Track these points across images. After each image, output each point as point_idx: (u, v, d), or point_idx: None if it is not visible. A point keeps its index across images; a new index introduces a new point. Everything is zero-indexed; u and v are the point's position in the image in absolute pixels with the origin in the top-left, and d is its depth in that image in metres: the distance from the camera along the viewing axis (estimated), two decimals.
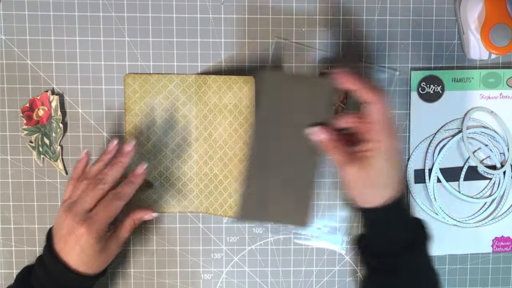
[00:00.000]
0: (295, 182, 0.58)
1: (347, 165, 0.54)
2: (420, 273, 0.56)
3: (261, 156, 0.58)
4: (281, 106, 0.58)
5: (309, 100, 0.58)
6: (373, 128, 0.53)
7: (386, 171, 0.53)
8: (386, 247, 0.56)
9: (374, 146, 0.53)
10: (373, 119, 0.53)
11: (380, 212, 0.54)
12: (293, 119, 0.58)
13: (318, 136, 0.55)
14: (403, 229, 0.56)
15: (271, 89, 0.58)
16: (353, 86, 0.54)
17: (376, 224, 0.56)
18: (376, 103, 0.52)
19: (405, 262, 0.55)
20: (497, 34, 0.60)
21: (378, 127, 0.52)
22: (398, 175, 0.54)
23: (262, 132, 0.58)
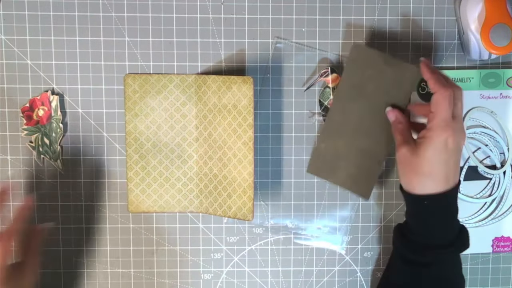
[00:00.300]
0: (367, 155, 0.63)
1: (402, 146, 0.56)
2: (447, 274, 0.56)
3: (340, 121, 0.64)
4: (367, 81, 0.62)
5: (393, 82, 0.62)
6: (432, 118, 0.54)
7: (433, 163, 0.54)
8: (421, 240, 0.56)
9: (428, 135, 0.54)
10: (434, 110, 0.54)
11: (421, 201, 0.55)
12: (375, 96, 0.62)
13: (391, 116, 0.59)
14: (441, 226, 0.56)
15: (361, 62, 0.62)
16: (425, 75, 0.56)
17: (419, 214, 0.57)
18: (440, 95, 0.54)
19: (439, 260, 0.56)
20: (497, 34, 0.60)
21: (434, 117, 0.54)
22: (447, 172, 0.54)
23: (344, 99, 0.63)
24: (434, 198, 0.55)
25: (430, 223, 0.56)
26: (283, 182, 0.68)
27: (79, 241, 0.67)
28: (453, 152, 0.54)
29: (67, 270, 0.67)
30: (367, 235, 0.69)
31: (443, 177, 0.55)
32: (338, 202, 0.68)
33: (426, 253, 0.56)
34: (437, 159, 0.54)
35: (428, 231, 0.56)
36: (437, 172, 0.54)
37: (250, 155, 0.62)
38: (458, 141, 0.54)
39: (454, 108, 0.55)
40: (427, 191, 0.55)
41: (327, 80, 0.64)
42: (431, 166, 0.54)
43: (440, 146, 0.53)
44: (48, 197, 0.66)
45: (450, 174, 0.55)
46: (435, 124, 0.54)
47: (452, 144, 0.54)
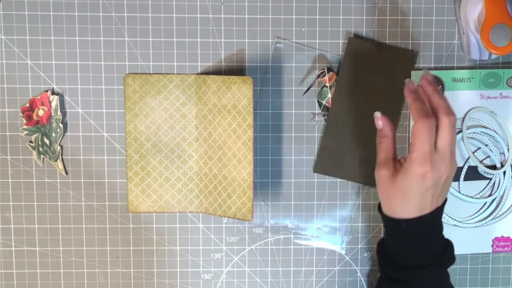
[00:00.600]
0: (372, 144, 0.61)
1: (382, 167, 0.53)
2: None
3: (342, 116, 0.65)
4: (365, 72, 0.64)
5: (389, 68, 0.64)
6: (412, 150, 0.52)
7: (408, 194, 0.52)
8: (399, 259, 0.55)
9: (406, 166, 0.51)
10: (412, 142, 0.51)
11: (397, 224, 0.53)
12: (374, 84, 0.64)
13: (378, 123, 0.56)
14: (420, 247, 0.55)
15: (357, 55, 0.64)
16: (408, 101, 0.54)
17: (396, 235, 0.55)
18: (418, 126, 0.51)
19: (418, 278, 0.54)
20: (497, 34, 0.60)
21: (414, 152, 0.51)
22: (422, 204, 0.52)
23: (344, 93, 0.64)
24: (410, 222, 0.53)
25: (407, 245, 0.55)
26: (283, 182, 0.68)
27: (79, 241, 0.67)
28: (431, 186, 0.52)
29: (67, 270, 0.67)
30: (367, 235, 0.69)
31: (416, 208, 0.53)
32: (338, 202, 0.68)
33: (404, 272, 0.55)
34: (412, 192, 0.52)
35: (405, 252, 0.55)
36: (411, 203, 0.52)
37: (249, 155, 0.62)
38: (438, 176, 0.51)
39: (438, 139, 0.51)
40: (402, 216, 0.53)
41: (324, 80, 0.64)
42: (405, 197, 0.52)
43: (416, 181, 0.51)
44: (48, 197, 0.66)
45: (425, 205, 0.53)
46: (413, 158, 0.51)
47: (430, 179, 0.51)
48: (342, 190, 0.68)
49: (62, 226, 0.67)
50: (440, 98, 0.53)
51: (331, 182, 0.68)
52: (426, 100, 0.54)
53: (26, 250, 0.67)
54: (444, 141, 0.51)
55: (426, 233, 0.54)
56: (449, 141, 0.51)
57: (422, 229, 0.54)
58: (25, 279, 0.67)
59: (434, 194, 0.53)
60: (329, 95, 0.65)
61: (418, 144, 0.51)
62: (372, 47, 0.65)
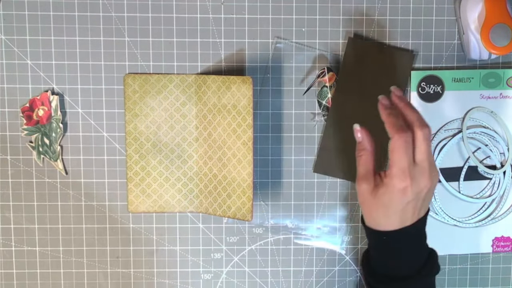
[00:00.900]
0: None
1: (362, 182, 0.53)
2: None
3: (342, 116, 0.65)
4: (365, 72, 0.64)
5: (390, 69, 0.64)
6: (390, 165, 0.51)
7: (389, 209, 0.52)
8: (386, 271, 0.55)
9: (386, 181, 0.51)
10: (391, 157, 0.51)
11: (380, 236, 0.53)
12: (374, 85, 0.64)
13: (357, 136, 0.55)
14: (403, 259, 0.55)
15: (357, 55, 0.64)
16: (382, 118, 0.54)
17: (379, 247, 0.55)
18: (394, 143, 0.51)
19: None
20: (497, 34, 0.60)
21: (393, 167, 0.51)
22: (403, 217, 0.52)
23: (344, 93, 0.64)
24: (392, 234, 0.53)
25: (391, 256, 0.55)
26: (283, 182, 0.68)
27: (79, 241, 0.67)
28: (412, 199, 0.51)
29: (67, 270, 0.67)
30: None
31: (398, 221, 0.52)
32: (338, 202, 0.68)
33: (389, 283, 0.54)
34: (393, 207, 0.51)
35: (389, 263, 0.55)
36: (393, 217, 0.52)
37: (249, 155, 0.62)
38: (418, 190, 0.51)
39: (416, 152, 0.51)
40: (384, 228, 0.53)
41: (324, 80, 0.64)
42: (387, 210, 0.52)
43: (397, 195, 0.51)
44: (48, 197, 0.66)
45: (407, 218, 0.52)
46: (392, 173, 0.51)
47: (410, 193, 0.51)
48: (342, 190, 0.68)
49: (62, 226, 0.67)
50: (413, 112, 0.53)
51: (331, 182, 0.68)
52: (400, 115, 0.54)
53: (26, 250, 0.67)
54: (421, 154, 0.51)
55: (409, 244, 0.54)
56: (426, 154, 0.51)
57: (404, 241, 0.54)
58: (25, 279, 0.67)
59: (415, 207, 0.52)
60: (329, 95, 0.65)
61: (396, 160, 0.51)
62: (372, 47, 0.65)
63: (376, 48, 0.65)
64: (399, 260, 0.55)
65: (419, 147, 0.51)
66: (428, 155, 0.52)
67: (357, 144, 0.56)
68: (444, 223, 0.68)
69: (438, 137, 0.67)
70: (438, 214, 0.68)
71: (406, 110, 0.54)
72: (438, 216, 0.68)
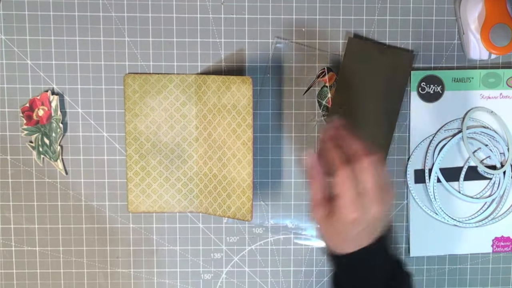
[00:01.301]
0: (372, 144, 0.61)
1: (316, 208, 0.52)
2: None
3: (342, 116, 0.64)
4: (365, 72, 0.64)
5: (390, 69, 0.64)
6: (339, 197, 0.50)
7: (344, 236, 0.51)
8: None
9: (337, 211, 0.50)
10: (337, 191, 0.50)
11: (340, 259, 0.53)
12: (374, 85, 0.64)
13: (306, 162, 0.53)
14: (372, 275, 0.53)
15: (357, 54, 0.64)
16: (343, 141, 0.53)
17: (346, 269, 0.54)
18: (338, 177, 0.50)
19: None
20: (497, 34, 0.60)
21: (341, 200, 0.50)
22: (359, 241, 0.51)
23: (344, 93, 0.64)
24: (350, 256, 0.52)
25: (356, 276, 0.53)
26: (283, 182, 0.68)
27: (79, 241, 0.67)
28: (366, 226, 0.50)
29: (67, 270, 0.67)
30: None
31: (353, 245, 0.51)
32: None
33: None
34: (347, 234, 0.51)
35: (356, 283, 0.54)
36: (349, 242, 0.51)
37: (249, 155, 0.62)
38: (369, 217, 0.50)
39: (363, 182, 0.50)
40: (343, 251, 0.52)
41: (324, 80, 0.64)
42: (342, 236, 0.51)
43: (349, 225, 0.50)
44: (48, 197, 0.66)
45: (362, 241, 0.51)
46: (341, 205, 0.50)
47: (362, 222, 0.50)
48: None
49: (62, 226, 0.67)
50: (354, 141, 0.53)
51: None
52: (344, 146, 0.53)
53: (26, 250, 0.67)
54: (368, 183, 0.50)
55: (371, 262, 0.53)
56: (372, 183, 0.50)
57: (366, 259, 0.53)
58: (25, 279, 0.67)
59: (370, 232, 0.52)
60: (329, 95, 0.65)
61: (343, 193, 0.50)
62: (372, 47, 0.65)
63: (376, 48, 0.65)
64: (365, 278, 0.53)
65: (365, 176, 0.50)
66: (375, 183, 0.50)
67: (308, 170, 0.54)
68: (444, 223, 0.68)
69: (438, 137, 0.67)
70: (438, 214, 0.68)
71: (349, 141, 0.53)
72: (438, 216, 0.68)
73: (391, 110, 0.66)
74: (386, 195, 0.51)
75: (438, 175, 0.67)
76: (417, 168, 0.68)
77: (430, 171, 0.67)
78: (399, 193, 0.68)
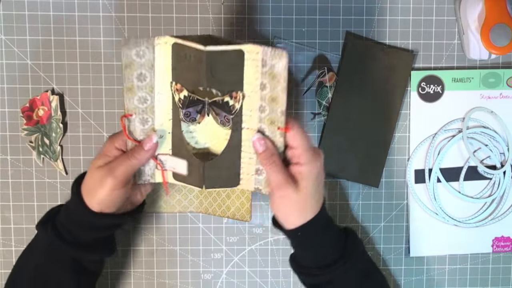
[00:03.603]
0: (372, 143, 0.63)
1: (285, 187, 0.52)
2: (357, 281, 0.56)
3: (342, 116, 0.65)
4: (365, 71, 0.64)
5: (390, 69, 0.64)
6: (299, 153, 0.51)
7: (313, 195, 0.53)
8: (316, 264, 0.55)
9: (303, 169, 0.51)
10: (292, 145, 0.52)
11: (295, 234, 0.54)
12: (374, 84, 0.64)
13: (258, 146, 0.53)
14: (327, 244, 0.55)
15: (357, 54, 0.64)
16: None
17: (301, 243, 0.56)
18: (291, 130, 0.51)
19: (339, 275, 0.55)
20: (497, 34, 0.60)
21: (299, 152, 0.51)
22: (320, 198, 0.54)
23: (344, 93, 0.64)
24: (304, 227, 0.53)
25: (311, 249, 0.55)
26: None
27: None
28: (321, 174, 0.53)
29: None
30: (367, 235, 0.69)
31: (317, 205, 0.54)
32: (338, 202, 0.68)
33: (322, 273, 0.55)
34: (315, 189, 0.53)
35: (314, 256, 0.55)
36: (316, 202, 0.53)
37: None
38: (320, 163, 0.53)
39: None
40: (301, 223, 0.53)
41: (324, 80, 0.64)
42: (312, 199, 0.53)
43: (316, 176, 0.52)
44: (48, 197, 0.66)
45: (321, 198, 0.54)
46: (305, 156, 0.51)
47: (322, 168, 0.53)
48: (342, 190, 0.68)
49: None
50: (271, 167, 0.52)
51: (331, 182, 0.68)
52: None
53: None
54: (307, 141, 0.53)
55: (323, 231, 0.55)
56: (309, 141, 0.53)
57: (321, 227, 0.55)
58: None
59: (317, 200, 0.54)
60: (329, 95, 0.65)
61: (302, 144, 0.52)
62: (372, 47, 0.65)
63: (376, 48, 0.65)
64: (319, 248, 0.55)
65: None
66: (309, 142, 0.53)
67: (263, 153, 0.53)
68: (444, 223, 0.68)
69: (438, 137, 0.67)
70: (438, 214, 0.68)
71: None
72: (438, 216, 0.68)
73: (391, 110, 0.66)
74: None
75: (438, 175, 0.67)
76: (417, 168, 0.68)
77: (430, 171, 0.67)
78: (399, 193, 0.68)
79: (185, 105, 0.53)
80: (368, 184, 0.67)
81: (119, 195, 0.54)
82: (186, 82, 0.52)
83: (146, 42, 0.51)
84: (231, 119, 0.52)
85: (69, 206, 0.56)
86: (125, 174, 0.53)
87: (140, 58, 0.52)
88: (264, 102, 0.51)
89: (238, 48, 0.49)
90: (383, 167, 0.67)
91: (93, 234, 0.56)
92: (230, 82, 0.51)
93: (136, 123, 0.54)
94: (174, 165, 0.55)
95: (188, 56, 0.50)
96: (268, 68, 0.49)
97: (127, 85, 0.52)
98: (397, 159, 0.68)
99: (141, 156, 0.54)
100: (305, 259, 0.57)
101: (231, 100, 0.52)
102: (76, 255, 0.56)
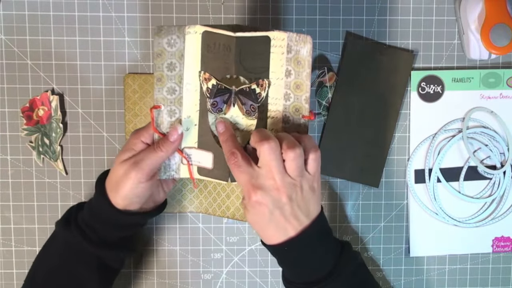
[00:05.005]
0: (372, 143, 0.64)
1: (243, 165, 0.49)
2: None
3: (342, 116, 0.65)
4: (365, 72, 0.64)
5: (390, 69, 0.64)
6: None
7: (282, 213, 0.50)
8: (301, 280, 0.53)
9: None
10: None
11: (281, 250, 0.51)
12: (374, 85, 0.64)
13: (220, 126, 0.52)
14: (313, 260, 0.52)
15: (357, 55, 0.64)
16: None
17: (283, 260, 0.53)
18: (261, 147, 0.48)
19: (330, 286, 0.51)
20: (497, 34, 0.60)
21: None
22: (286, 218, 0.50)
23: (344, 93, 0.64)
24: (291, 242, 0.50)
25: (300, 264, 0.52)
26: None
27: None
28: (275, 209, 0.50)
29: None
30: (367, 235, 0.69)
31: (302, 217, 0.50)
32: (338, 202, 0.68)
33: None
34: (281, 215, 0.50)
35: (302, 270, 0.52)
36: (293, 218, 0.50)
37: None
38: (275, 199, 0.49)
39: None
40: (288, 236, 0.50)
41: (324, 80, 0.64)
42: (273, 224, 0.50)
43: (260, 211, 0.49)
44: (48, 197, 0.66)
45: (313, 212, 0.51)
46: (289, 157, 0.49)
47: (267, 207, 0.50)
48: (342, 190, 0.68)
49: None
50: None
51: (331, 182, 0.68)
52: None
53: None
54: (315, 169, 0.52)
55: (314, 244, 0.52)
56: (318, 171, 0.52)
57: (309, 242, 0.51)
58: None
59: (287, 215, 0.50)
60: (329, 95, 0.65)
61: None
62: (372, 47, 0.65)
63: (376, 48, 0.65)
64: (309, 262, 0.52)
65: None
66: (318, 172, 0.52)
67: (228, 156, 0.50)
68: (444, 223, 0.68)
69: (438, 137, 0.67)
70: (438, 214, 0.68)
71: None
72: (438, 216, 0.68)
73: (391, 110, 0.66)
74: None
75: (438, 175, 0.67)
76: (417, 168, 0.68)
77: (430, 171, 0.67)
78: (399, 193, 0.68)
79: (212, 95, 0.53)
80: (368, 184, 0.67)
81: (144, 189, 0.53)
82: (214, 72, 0.53)
83: (177, 31, 0.52)
84: (257, 107, 0.53)
85: (92, 204, 0.56)
86: (151, 167, 0.53)
87: (171, 47, 0.52)
88: (289, 89, 0.52)
89: (265, 35, 0.50)
90: (383, 167, 0.67)
91: (118, 232, 0.56)
92: (257, 69, 0.52)
93: (164, 115, 0.54)
94: (199, 159, 0.56)
95: (217, 45, 0.51)
96: (293, 54, 0.50)
97: (157, 75, 0.53)
98: (397, 159, 0.68)
99: (166, 148, 0.53)
100: (293, 276, 0.54)
101: (257, 87, 0.52)
102: (101, 254, 0.56)
